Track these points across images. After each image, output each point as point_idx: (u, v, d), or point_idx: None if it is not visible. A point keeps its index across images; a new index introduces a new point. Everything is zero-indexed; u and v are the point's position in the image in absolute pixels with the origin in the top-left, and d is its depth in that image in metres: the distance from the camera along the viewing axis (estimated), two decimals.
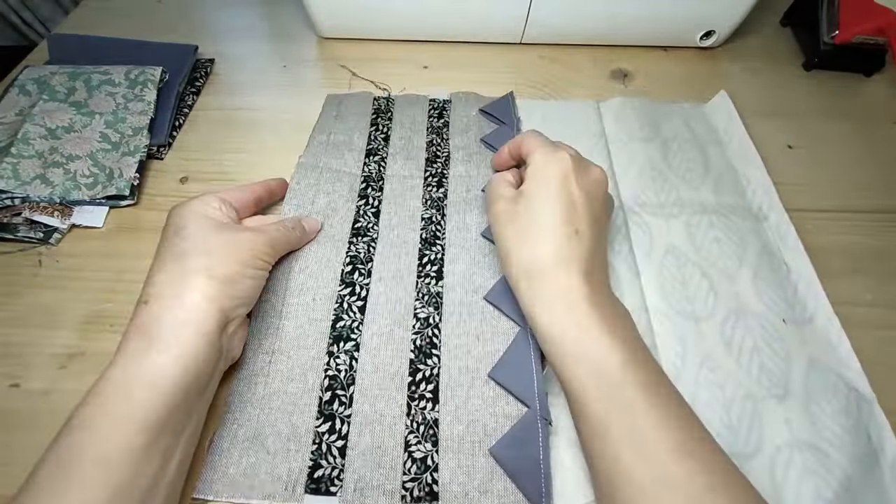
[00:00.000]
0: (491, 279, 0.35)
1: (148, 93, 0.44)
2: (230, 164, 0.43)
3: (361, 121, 0.45)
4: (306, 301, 0.34)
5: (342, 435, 0.29)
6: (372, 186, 0.40)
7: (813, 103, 0.48)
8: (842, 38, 0.47)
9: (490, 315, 0.33)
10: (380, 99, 0.47)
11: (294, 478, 0.28)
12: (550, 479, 0.27)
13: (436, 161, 0.42)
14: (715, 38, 0.51)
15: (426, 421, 0.29)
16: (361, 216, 0.38)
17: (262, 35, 0.55)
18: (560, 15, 0.49)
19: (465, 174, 0.41)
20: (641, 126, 0.44)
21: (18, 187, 0.37)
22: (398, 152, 0.43)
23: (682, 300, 0.34)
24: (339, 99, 0.47)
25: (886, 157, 0.44)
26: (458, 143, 0.43)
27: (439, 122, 0.45)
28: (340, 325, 0.33)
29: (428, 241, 0.37)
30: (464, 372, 0.31)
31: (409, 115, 0.45)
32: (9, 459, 0.29)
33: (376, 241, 0.37)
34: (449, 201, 0.39)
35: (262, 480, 0.27)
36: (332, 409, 0.30)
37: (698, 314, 0.34)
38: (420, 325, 0.33)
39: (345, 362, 0.31)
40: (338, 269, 0.35)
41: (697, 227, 0.38)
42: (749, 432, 0.29)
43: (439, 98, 0.47)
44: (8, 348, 0.33)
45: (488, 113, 0.45)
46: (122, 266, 0.37)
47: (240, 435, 0.29)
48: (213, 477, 0.28)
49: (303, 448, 0.28)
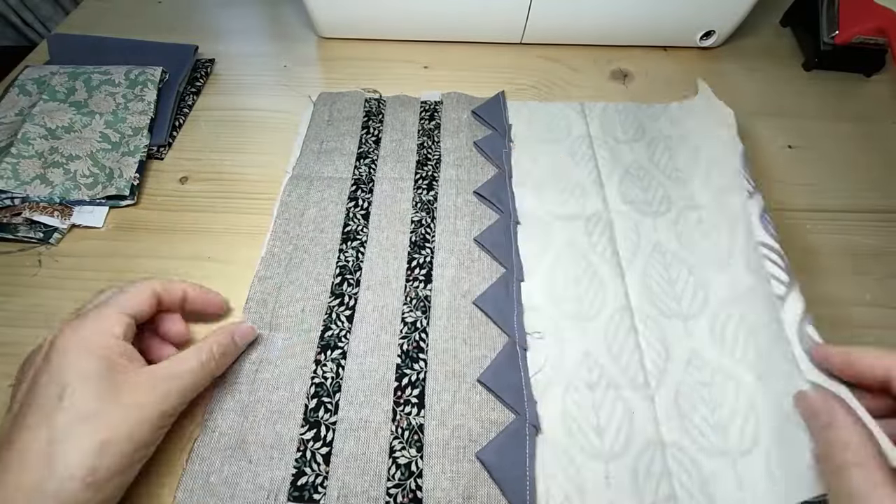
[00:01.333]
0: (480, 283, 0.35)
1: (148, 93, 0.44)
2: (230, 164, 0.43)
3: (353, 125, 0.44)
4: (296, 313, 0.34)
5: (327, 442, 0.29)
6: (362, 189, 0.40)
7: (813, 103, 0.48)
8: (842, 38, 0.47)
9: (478, 320, 0.33)
10: (371, 101, 0.46)
11: (277, 486, 0.27)
12: (535, 486, 0.27)
13: (426, 164, 0.42)
14: (715, 38, 0.51)
15: (411, 426, 0.29)
16: (351, 219, 0.38)
17: (262, 35, 0.55)
18: (560, 15, 0.49)
19: (456, 178, 0.41)
20: (626, 129, 0.44)
21: (18, 187, 0.37)
22: (389, 155, 0.43)
23: (669, 299, 0.34)
24: (333, 99, 0.47)
25: (886, 157, 0.44)
26: (449, 146, 0.43)
27: (430, 123, 0.45)
28: (328, 335, 0.33)
29: (417, 245, 0.37)
30: (450, 377, 0.31)
31: (400, 118, 0.45)
32: None
33: (366, 245, 0.37)
34: (439, 204, 0.39)
35: (244, 489, 0.27)
36: (318, 416, 0.30)
37: (685, 312, 0.34)
38: (407, 330, 0.33)
39: (331, 370, 0.31)
40: (328, 281, 0.35)
41: (686, 222, 0.37)
42: (742, 431, 0.29)
43: (431, 99, 0.47)
44: (8, 348, 0.33)
45: (480, 116, 0.45)
46: (122, 266, 0.37)
47: (222, 443, 0.29)
48: (193, 485, 0.27)
49: (286, 456, 0.28)
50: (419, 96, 0.47)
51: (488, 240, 0.37)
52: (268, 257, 0.36)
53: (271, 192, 0.41)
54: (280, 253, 0.36)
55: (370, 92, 0.47)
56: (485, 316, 0.33)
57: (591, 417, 0.29)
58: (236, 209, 0.40)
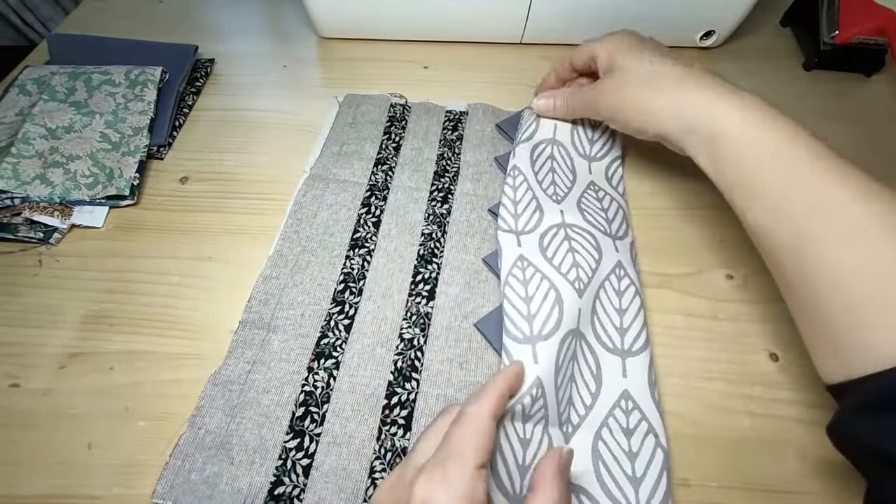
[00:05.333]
0: (483, 306, 0.34)
1: (148, 93, 0.44)
2: (230, 164, 0.43)
3: (375, 129, 0.44)
4: (295, 316, 0.33)
5: (309, 454, 0.29)
6: (376, 196, 0.40)
7: (813, 103, 0.48)
8: (842, 38, 0.47)
9: (477, 344, 0.32)
10: (396, 106, 0.46)
11: (254, 492, 0.27)
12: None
13: (444, 175, 0.41)
14: (715, 38, 0.51)
15: (394, 448, 0.29)
16: (361, 226, 0.38)
17: (262, 35, 0.55)
18: (560, 15, 0.49)
19: (473, 192, 0.40)
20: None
21: (18, 187, 0.37)
22: (407, 163, 0.42)
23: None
24: (358, 101, 0.46)
25: (886, 157, 0.44)
26: (469, 160, 0.42)
27: (453, 134, 0.44)
28: (325, 342, 0.32)
29: (424, 259, 0.36)
30: (441, 400, 0.30)
31: (423, 126, 0.45)
32: (9, 459, 0.29)
33: (373, 254, 0.36)
34: (452, 219, 0.38)
35: (222, 491, 0.27)
36: (304, 425, 0.29)
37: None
38: (404, 347, 0.32)
39: (322, 379, 0.31)
40: (331, 287, 0.35)
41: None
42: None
43: (456, 109, 0.46)
44: (8, 348, 0.33)
45: (504, 130, 0.44)
46: (122, 266, 0.37)
47: (207, 441, 0.29)
48: (174, 481, 0.27)
49: (268, 462, 0.28)
50: (445, 104, 0.47)
51: (496, 261, 0.35)
52: (275, 257, 0.36)
53: (271, 191, 0.41)
54: (288, 254, 0.36)
55: (396, 97, 0.47)
56: (484, 340, 0.33)
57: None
58: (236, 209, 0.40)
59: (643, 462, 0.28)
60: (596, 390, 0.30)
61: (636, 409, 0.29)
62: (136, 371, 0.32)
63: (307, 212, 0.39)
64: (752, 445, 0.29)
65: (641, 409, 0.29)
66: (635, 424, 0.29)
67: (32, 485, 0.28)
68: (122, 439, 0.29)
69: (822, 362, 0.25)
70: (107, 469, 0.28)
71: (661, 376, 0.32)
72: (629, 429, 0.29)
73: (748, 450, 0.29)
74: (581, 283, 0.32)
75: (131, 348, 0.33)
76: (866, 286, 0.22)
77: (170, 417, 0.30)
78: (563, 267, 0.33)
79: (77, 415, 0.30)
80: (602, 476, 0.27)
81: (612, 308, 0.33)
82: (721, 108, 0.28)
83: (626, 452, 0.28)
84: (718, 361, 0.33)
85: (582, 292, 0.32)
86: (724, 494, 0.28)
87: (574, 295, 0.31)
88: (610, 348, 0.31)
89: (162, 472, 0.28)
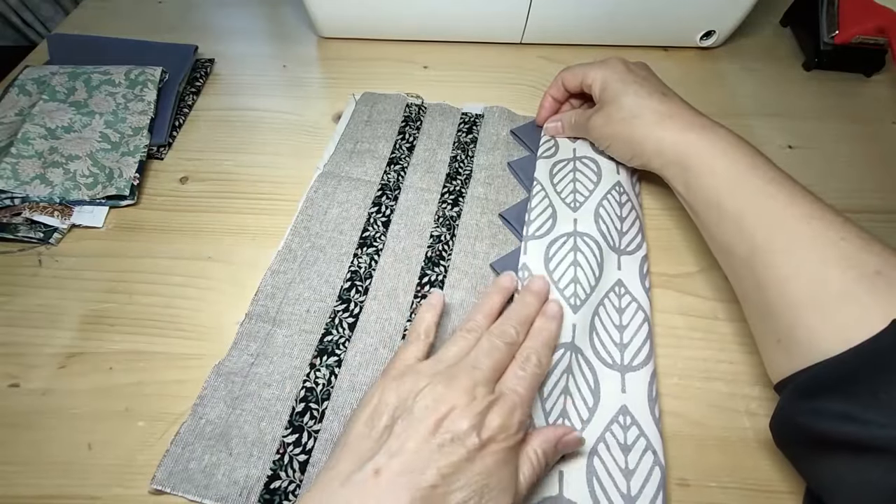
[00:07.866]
0: None
1: (148, 93, 0.44)
2: (230, 164, 0.43)
3: (390, 129, 0.44)
4: (300, 311, 0.34)
5: (307, 450, 0.29)
6: (387, 195, 0.40)
7: (813, 103, 0.48)
8: (842, 38, 0.47)
9: None
10: (412, 106, 0.46)
11: (251, 485, 0.27)
12: None
13: (456, 178, 0.41)
14: (715, 38, 0.51)
15: None
16: (371, 225, 0.38)
17: (262, 35, 0.55)
18: (560, 15, 0.49)
19: (484, 196, 0.40)
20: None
21: (18, 187, 0.37)
22: (420, 163, 0.42)
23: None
24: (374, 100, 0.46)
25: (886, 157, 0.44)
26: (482, 163, 0.42)
27: (468, 137, 0.44)
28: (328, 340, 0.33)
29: (432, 261, 0.36)
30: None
31: (437, 127, 0.45)
32: (8, 459, 0.29)
33: (380, 254, 0.36)
34: (461, 222, 0.38)
35: (219, 481, 0.27)
36: (303, 421, 0.29)
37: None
38: None
39: (324, 376, 0.31)
40: (337, 285, 0.35)
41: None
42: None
43: (472, 112, 0.46)
44: (8, 348, 0.33)
45: (518, 136, 0.44)
46: (122, 266, 0.37)
47: (207, 431, 0.29)
48: (172, 468, 0.28)
49: (265, 455, 0.28)
50: (461, 106, 0.47)
51: (504, 267, 0.35)
52: (284, 251, 0.36)
53: (272, 191, 0.41)
54: (297, 249, 0.36)
55: (413, 97, 0.47)
56: None
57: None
58: (236, 209, 0.40)
59: (639, 480, 0.27)
60: (594, 405, 0.30)
61: (634, 425, 0.29)
62: (136, 371, 0.32)
63: (318, 208, 0.39)
64: (752, 445, 0.29)
65: (640, 426, 0.29)
66: (633, 440, 0.28)
67: (32, 485, 0.28)
68: (122, 439, 0.29)
69: (771, 359, 0.28)
70: (107, 469, 0.28)
71: (661, 376, 0.32)
72: (627, 445, 0.28)
73: (748, 450, 0.29)
74: (577, 300, 0.32)
75: (131, 348, 0.33)
76: (804, 290, 0.26)
77: (170, 417, 0.30)
78: (562, 282, 0.33)
79: (77, 415, 0.30)
80: (596, 493, 0.27)
81: (611, 325, 0.32)
82: (695, 146, 0.32)
83: (623, 470, 0.27)
84: (718, 361, 0.33)
85: (577, 308, 0.32)
86: (724, 494, 0.28)
87: (568, 311, 0.31)
88: (609, 364, 0.31)
89: (162, 459, 0.28)
